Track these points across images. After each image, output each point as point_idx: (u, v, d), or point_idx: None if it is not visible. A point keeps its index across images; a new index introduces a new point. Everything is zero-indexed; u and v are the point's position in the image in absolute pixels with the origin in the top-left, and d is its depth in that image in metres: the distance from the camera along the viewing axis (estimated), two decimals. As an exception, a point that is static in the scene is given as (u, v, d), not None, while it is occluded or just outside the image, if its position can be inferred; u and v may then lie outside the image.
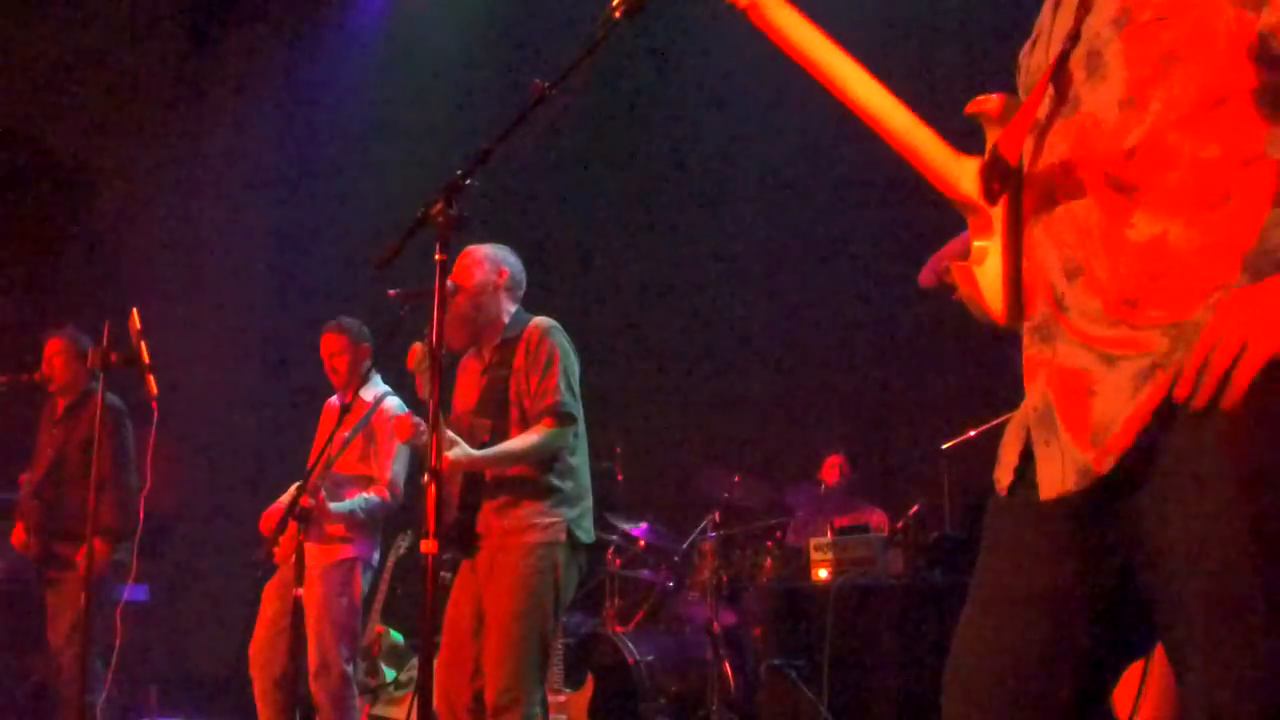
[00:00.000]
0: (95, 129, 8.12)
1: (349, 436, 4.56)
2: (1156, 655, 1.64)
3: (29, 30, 7.75)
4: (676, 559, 5.94)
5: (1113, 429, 1.45)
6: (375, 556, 4.80)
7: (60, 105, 8.00)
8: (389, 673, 5.71)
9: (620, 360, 7.24)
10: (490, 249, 3.93)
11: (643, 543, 6.00)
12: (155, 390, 4.05)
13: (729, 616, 5.61)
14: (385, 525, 4.91)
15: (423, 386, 3.81)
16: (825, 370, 7.16)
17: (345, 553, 4.64)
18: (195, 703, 6.72)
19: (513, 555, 3.63)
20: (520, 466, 3.69)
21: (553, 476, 3.71)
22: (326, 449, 4.29)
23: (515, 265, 3.95)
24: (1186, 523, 1.40)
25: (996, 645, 1.57)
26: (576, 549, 3.73)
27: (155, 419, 4.13)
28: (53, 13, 7.84)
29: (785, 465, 6.85)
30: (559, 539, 3.66)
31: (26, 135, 7.99)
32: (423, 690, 2.62)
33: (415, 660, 5.38)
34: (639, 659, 5.33)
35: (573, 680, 5.26)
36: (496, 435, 3.72)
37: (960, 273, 1.66)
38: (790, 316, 7.42)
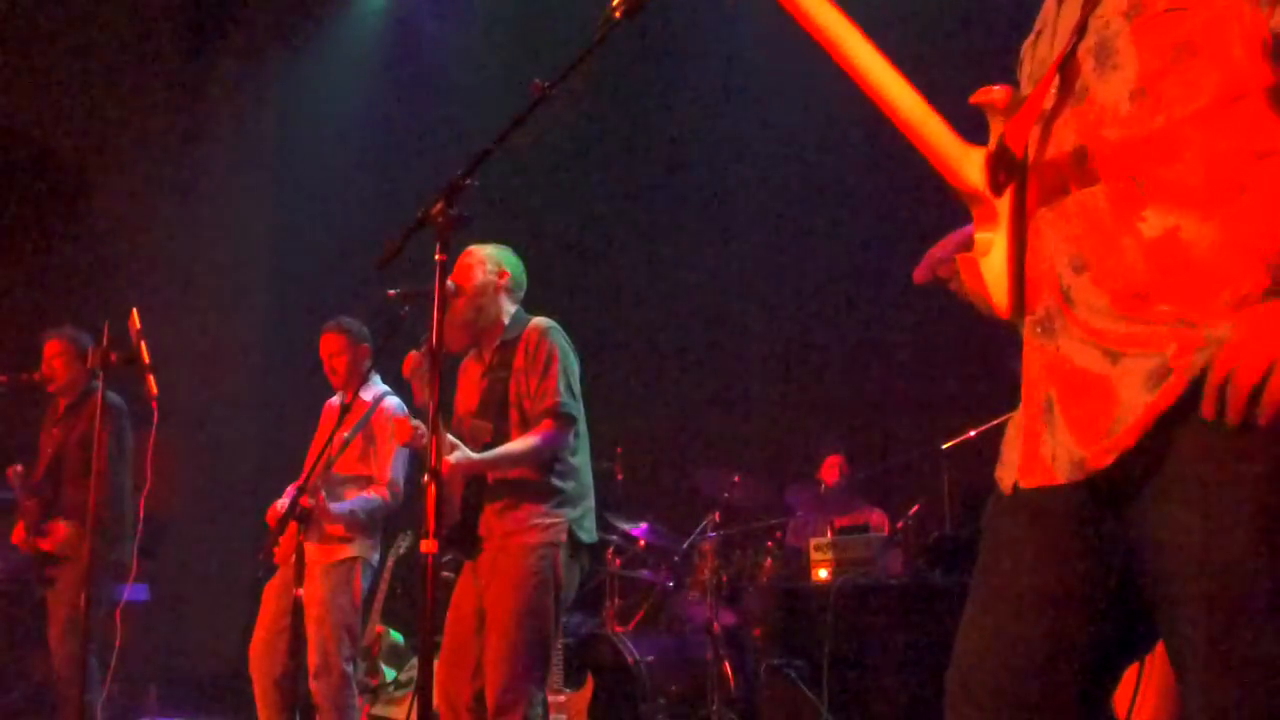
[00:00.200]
0: (95, 129, 8.12)
1: (349, 436, 4.56)
2: (1157, 655, 1.64)
3: (29, 30, 7.75)
4: (676, 559, 5.93)
5: (1116, 430, 1.44)
6: (375, 556, 4.79)
7: (60, 105, 8.00)
8: (389, 673, 5.71)
9: (620, 360, 7.25)
10: (491, 249, 3.92)
11: (643, 543, 5.99)
12: (155, 390, 4.05)
13: (729, 616, 5.60)
14: (385, 525, 4.91)
15: (419, 393, 3.81)
16: (825, 370, 7.17)
17: (345, 553, 4.64)
18: (195, 703, 6.72)
19: (514, 555, 3.63)
20: (521, 468, 3.68)
21: (554, 477, 3.71)
22: (326, 449, 4.30)
23: (516, 266, 3.95)
24: (1190, 523, 1.40)
25: (998, 644, 1.57)
26: (578, 549, 3.73)
27: (155, 419, 4.13)
28: (53, 13, 7.83)
29: (785, 465, 6.85)
30: (560, 539, 3.66)
31: (26, 135, 7.99)
32: (423, 690, 2.61)
33: (415, 660, 5.38)
34: (639, 659, 5.33)
35: (573, 680, 5.26)
36: (497, 438, 3.72)
37: (965, 265, 1.65)
38: (790, 316, 7.43)
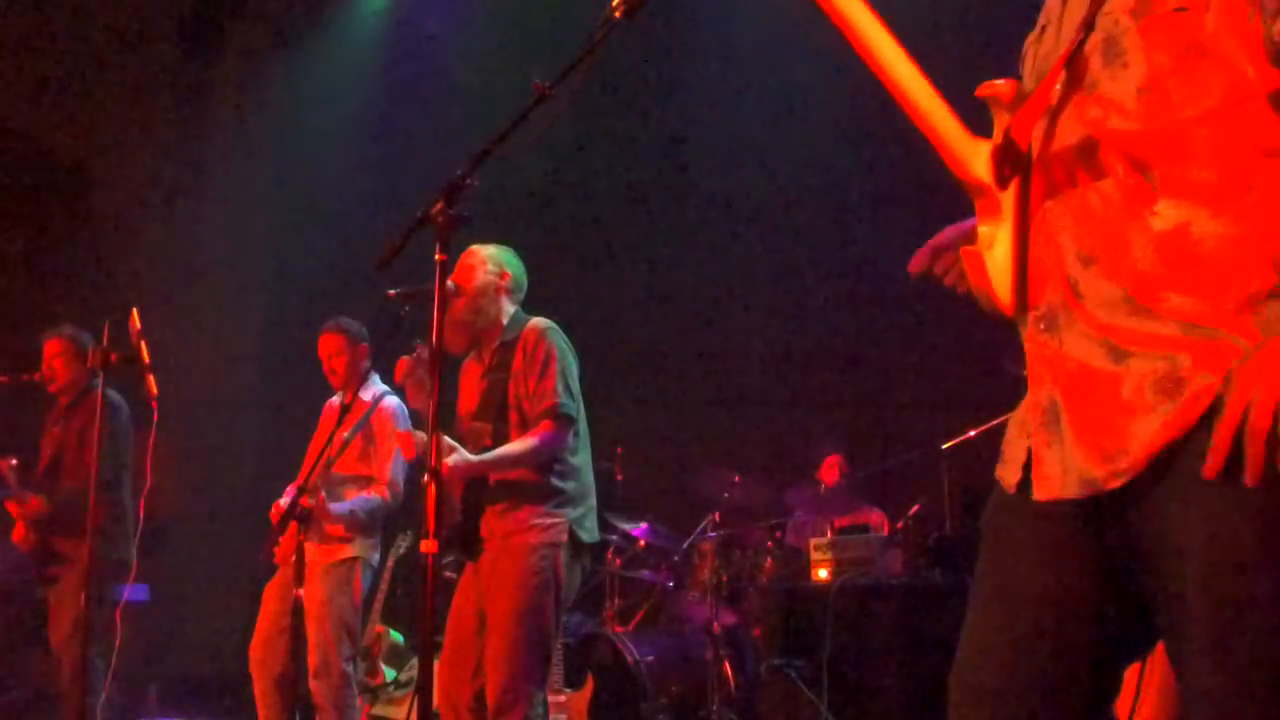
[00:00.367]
0: (95, 129, 8.12)
1: (348, 436, 4.57)
2: (1157, 655, 1.63)
3: (29, 30, 7.75)
4: (676, 559, 5.93)
5: (1125, 457, 1.43)
6: (375, 556, 4.80)
7: (60, 105, 8.00)
8: (389, 673, 5.71)
9: (620, 360, 7.24)
10: (492, 250, 3.93)
11: (643, 543, 5.99)
12: (155, 390, 4.05)
13: (729, 616, 5.61)
14: (385, 525, 4.91)
15: (413, 397, 3.81)
16: (825, 370, 7.17)
17: (345, 553, 4.64)
18: (195, 703, 6.72)
19: (515, 555, 3.63)
20: (521, 469, 3.68)
21: (554, 478, 3.71)
22: (326, 449, 4.30)
23: (517, 267, 3.95)
24: (1192, 523, 1.39)
25: (1000, 645, 1.56)
26: (579, 549, 3.73)
27: (155, 419, 4.13)
28: (53, 13, 7.83)
29: (785, 465, 6.85)
30: (560, 539, 3.66)
31: (26, 135, 7.99)
32: (423, 690, 2.62)
33: (415, 660, 5.39)
34: (639, 659, 5.33)
35: (573, 680, 5.25)
36: (497, 439, 3.72)
37: (969, 258, 1.63)
38: (790, 316, 7.43)
